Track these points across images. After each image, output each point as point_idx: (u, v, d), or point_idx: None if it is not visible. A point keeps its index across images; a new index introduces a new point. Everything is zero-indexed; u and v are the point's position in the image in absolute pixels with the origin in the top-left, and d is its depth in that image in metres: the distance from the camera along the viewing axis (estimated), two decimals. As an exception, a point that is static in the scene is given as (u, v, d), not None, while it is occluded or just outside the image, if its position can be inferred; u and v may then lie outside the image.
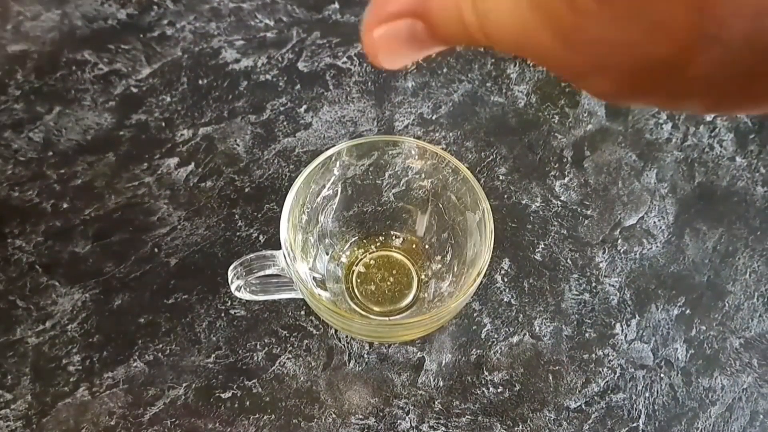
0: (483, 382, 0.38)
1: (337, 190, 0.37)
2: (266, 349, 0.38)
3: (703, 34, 0.11)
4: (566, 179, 0.44)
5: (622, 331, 0.40)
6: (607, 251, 0.42)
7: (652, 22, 0.11)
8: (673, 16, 0.11)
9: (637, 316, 0.40)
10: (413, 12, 0.15)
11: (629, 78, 0.13)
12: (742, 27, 0.11)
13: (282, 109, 0.46)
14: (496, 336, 0.39)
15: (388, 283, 0.39)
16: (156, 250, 0.41)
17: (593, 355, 0.39)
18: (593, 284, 0.41)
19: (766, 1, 0.10)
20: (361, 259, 0.40)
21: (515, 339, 0.39)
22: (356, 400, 0.37)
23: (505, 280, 0.41)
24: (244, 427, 0.36)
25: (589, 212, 0.43)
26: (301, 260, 0.35)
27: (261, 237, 0.42)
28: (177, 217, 0.42)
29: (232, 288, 0.34)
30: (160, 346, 0.38)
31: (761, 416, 0.38)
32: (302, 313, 0.39)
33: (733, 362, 0.39)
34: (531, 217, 0.43)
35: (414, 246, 0.40)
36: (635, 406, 0.38)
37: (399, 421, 0.37)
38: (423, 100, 0.47)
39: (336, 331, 0.39)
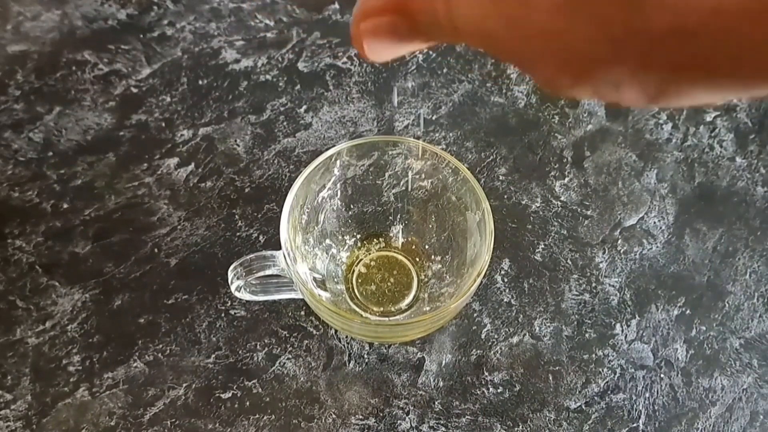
0: (483, 382, 0.38)
1: (337, 191, 0.37)
2: (266, 349, 0.38)
3: (631, 26, 0.13)
4: (566, 179, 0.44)
5: (622, 331, 0.40)
6: (607, 251, 0.42)
7: (589, 15, 0.13)
8: (607, 10, 0.13)
9: (637, 316, 0.40)
10: (395, 7, 0.17)
11: (569, 66, 0.14)
12: (666, 19, 0.12)
13: (282, 109, 0.46)
14: (496, 336, 0.39)
15: (389, 283, 0.39)
16: (156, 250, 0.41)
17: (593, 356, 0.39)
18: (593, 284, 0.41)
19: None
20: (362, 260, 0.40)
21: (515, 339, 0.39)
22: (356, 400, 0.37)
23: (505, 280, 0.41)
24: (244, 427, 0.36)
25: (589, 212, 0.43)
26: (301, 260, 0.35)
27: (261, 237, 0.42)
28: (177, 217, 0.42)
29: (232, 288, 0.34)
30: (160, 346, 0.38)
31: (761, 416, 0.38)
32: (302, 313, 0.39)
33: (733, 362, 0.39)
34: (531, 218, 0.43)
35: (414, 246, 0.40)
36: (635, 406, 0.38)
37: (399, 422, 0.37)
38: (423, 100, 0.47)
39: (336, 331, 0.39)
